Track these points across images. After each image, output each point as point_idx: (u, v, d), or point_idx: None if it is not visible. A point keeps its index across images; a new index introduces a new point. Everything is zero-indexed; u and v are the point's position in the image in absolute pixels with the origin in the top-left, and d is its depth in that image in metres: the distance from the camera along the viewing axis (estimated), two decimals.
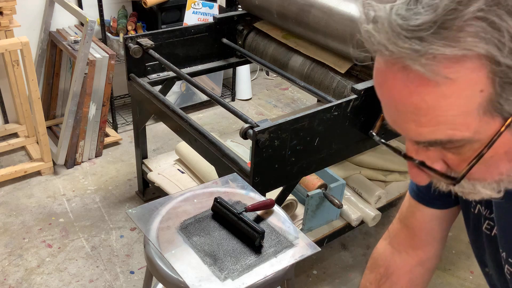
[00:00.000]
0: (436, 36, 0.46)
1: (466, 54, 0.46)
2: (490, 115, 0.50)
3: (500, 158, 0.55)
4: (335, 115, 1.60)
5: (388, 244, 0.96)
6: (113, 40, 2.76)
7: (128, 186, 2.53)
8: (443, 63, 0.47)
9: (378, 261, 0.96)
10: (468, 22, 0.45)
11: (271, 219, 1.19)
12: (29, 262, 2.03)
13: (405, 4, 0.47)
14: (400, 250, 0.93)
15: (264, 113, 3.32)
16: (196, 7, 2.93)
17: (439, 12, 0.45)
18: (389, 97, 0.54)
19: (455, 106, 0.49)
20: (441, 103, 0.49)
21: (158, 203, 1.19)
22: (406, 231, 0.92)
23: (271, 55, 2.15)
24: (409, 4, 0.47)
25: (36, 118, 2.39)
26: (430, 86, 0.49)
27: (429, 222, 0.88)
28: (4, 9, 2.36)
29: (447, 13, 0.45)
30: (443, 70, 0.47)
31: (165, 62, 1.92)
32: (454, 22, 0.45)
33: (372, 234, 2.31)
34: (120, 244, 2.16)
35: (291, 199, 1.92)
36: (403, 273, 0.92)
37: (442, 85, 0.48)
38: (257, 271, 1.03)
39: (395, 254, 0.94)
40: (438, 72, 0.48)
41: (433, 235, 0.90)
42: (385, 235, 0.98)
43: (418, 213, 0.88)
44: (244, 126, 1.46)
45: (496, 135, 0.51)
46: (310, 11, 1.85)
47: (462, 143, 0.53)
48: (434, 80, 0.48)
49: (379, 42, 0.50)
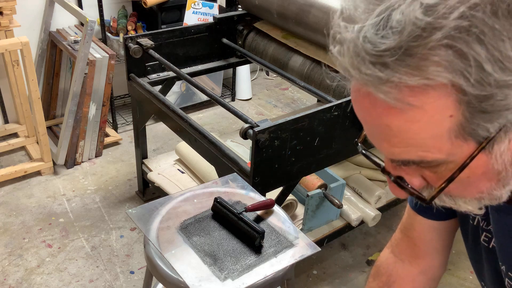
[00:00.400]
0: (400, 63, 0.44)
1: (429, 83, 0.45)
2: (463, 138, 0.49)
3: (478, 178, 0.54)
4: (335, 115, 1.60)
5: (391, 253, 0.95)
6: (113, 40, 2.76)
7: (128, 186, 2.53)
8: (406, 91, 0.45)
9: (381, 269, 0.95)
10: (433, 51, 0.43)
11: (271, 219, 1.19)
12: (29, 262, 2.03)
13: (374, 26, 0.45)
14: (403, 259, 0.93)
15: (264, 113, 3.32)
16: (196, 7, 2.93)
17: (403, 38, 0.43)
18: (361, 117, 0.54)
19: (424, 130, 0.48)
20: (410, 127, 0.48)
21: (158, 203, 1.19)
22: (407, 241, 0.92)
23: (271, 55, 2.15)
24: (378, 26, 0.45)
25: (36, 118, 2.39)
26: (395, 112, 0.48)
27: (428, 233, 0.87)
28: (4, 9, 2.36)
29: (412, 39, 0.43)
30: (406, 98, 0.46)
31: (165, 62, 1.92)
32: (418, 49, 0.43)
33: (372, 234, 2.31)
34: (120, 244, 2.16)
35: (291, 199, 1.92)
36: (406, 282, 0.91)
37: (408, 111, 0.47)
38: (257, 271, 1.03)
39: (398, 263, 0.93)
40: (401, 100, 0.46)
41: (433, 245, 0.89)
42: (388, 244, 0.98)
43: (417, 224, 0.88)
44: (244, 126, 1.46)
45: (469, 158, 0.50)
46: (310, 11, 1.85)
47: (437, 163, 0.52)
48: (399, 107, 0.47)
49: (343, 66, 0.49)
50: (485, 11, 0.42)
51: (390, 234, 2.31)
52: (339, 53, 0.49)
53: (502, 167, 0.52)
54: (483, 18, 0.42)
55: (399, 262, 0.93)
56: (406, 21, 0.43)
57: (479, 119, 0.47)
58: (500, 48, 0.43)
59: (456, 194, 0.57)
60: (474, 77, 0.44)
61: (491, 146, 0.50)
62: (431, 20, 0.43)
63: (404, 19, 0.43)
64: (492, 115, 0.46)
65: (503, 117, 0.47)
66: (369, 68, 0.45)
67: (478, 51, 0.43)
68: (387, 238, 2.28)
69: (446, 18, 0.42)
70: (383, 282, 0.93)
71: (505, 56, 0.43)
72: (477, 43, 0.43)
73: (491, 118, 0.47)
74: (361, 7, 0.47)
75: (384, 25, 0.44)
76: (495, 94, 0.45)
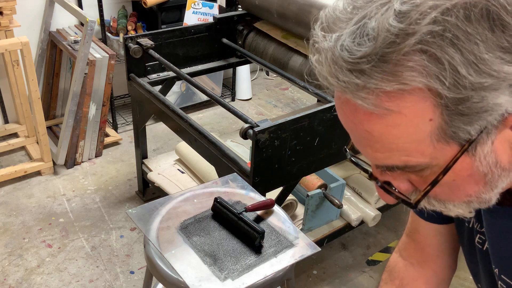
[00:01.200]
0: (376, 69, 0.45)
1: (405, 88, 0.45)
2: (444, 141, 0.49)
3: (464, 181, 0.54)
4: (335, 115, 1.59)
5: (400, 257, 0.95)
6: (113, 40, 2.76)
7: (128, 186, 2.53)
8: (382, 97, 0.46)
9: (392, 273, 0.95)
10: (406, 56, 0.44)
11: (271, 219, 1.19)
12: (29, 262, 2.03)
13: (351, 34, 0.46)
14: (413, 262, 0.92)
15: (264, 113, 3.32)
16: (196, 7, 2.93)
17: (378, 45, 0.44)
18: (344, 123, 0.55)
19: (405, 135, 0.49)
20: (390, 132, 0.49)
21: (158, 203, 1.19)
22: (414, 244, 0.92)
23: (271, 55, 2.15)
24: (354, 34, 0.46)
25: (36, 118, 2.39)
26: (375, 117, 0.48)
27: (434, 236, 0.87)
28: (4, 9, 2.36)
29: (386, 46, 0.44)
30: (383, 103, 0.47)
31: (165, 62, 1.92)
32: (392, 55, 0.44)
33: (372, 234, 2.31)
34: (120, 244, 2.16)
35: (291, 199, 1.92)
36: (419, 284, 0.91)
37: (387, 116, 0.47)
38: (257, 271, 1.03)
39: (409, 266, 0.93)
40: (379, 105, 0.47)
41: (440, 248, 0.88)
42: (396, 249, 0.98)
43: (422, 228, 0.88)
44: (244, 126, 1.46)
45: (452, 161, 0.50)
46: (310, 11, 1.85)
47: (421, 168, 0.52)
48: (378, 113, 0.48)
49: (322, 75, 0.49)
50: (458, 16, 0.43)
51: (390, 234, 2.31)
52: (317, 62, 0.50)
53: (487, 169, 0.52)
54: (455, 22, 0.43)
55: (409, 265, 0.93)
56: (380, 28, 0.44)
57: (459, 122, 0.47)
58: (474, 51, 0.44)
59: (444, 198, 0.57)
60: (449, 80, 0.44)
61: (474, 148, 0.50)
62: (403, 26, 0.43)
63: (378, 26, 0.44)
64: (471, 117, 0.47)
65: (482, 119, 0.47)
66: (346, 76, 0.46)
67: (452, 55, 0.43)
68: (387, 238, 2.28)
69: (419, 23, 0.43)
70: (396, 286, 0.92)
71: (479, 59, 0.44)
72: (451, 47, 0.43)
73: (470, 121, 0.47)
74: (339, 17, 0.48)
75: (361, 33, 0.45)
76: (471, 96, 0.45)
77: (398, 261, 0.95)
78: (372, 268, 2.14)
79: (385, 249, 2.24)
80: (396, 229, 2.33)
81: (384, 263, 2.17)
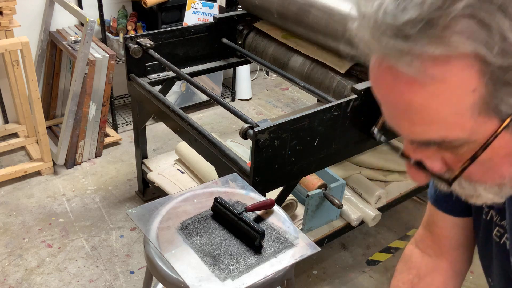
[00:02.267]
0: (421, 34, 0.44)
1: (452, 53, 0.44)
2: (486, 115, 0.48)
3: (500, 160, 0.53)
4: (335, 115, 1.60)
5: (416, 248, 0.95)
6: (113, 40, 2.76)
7: (128, 186, 2.53)
8: (429, 62, 0.45)
9: (409, 263, 0.94)
10: (455, 20, 0.43)
11: (271, 219, 1.19)
12: (29, 262, 2.03)
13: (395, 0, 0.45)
14: (430, 253, 0.92)
15: (264, 113, 3.32)
16: (196, 7, 2.93)
17: (425, 9, 0.43)
18: (382, 95, 0.53)
19: (446, 106, 0.48)
20: (431, 103, 0.48)
21: (158, 203, 1.19)
22: (431, 237, 0.91)
23: (271, 55, 2.15)
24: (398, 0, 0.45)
25: (36, 118, 2.39)
26: (418, 85, 0.47)
27: (451, 229, 0.87)
28: (4, 9, 2.36)
29: (433, 10, 0.43)
30: (429, 69, 0.46)
31: (165, 62, 1.92)
32: (440, 19, 0.43)
33: (372, 234, 2.31)
34: (120, 244, 2.16)
35: (291, 199, 1.92)
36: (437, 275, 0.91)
37: (430, 84, 0.47)
38: (257, 271, 1.03)
39: (426, 257, 0.93)
40: (424, 72, 0.46)
41: (457, 241, 0.88)
42: (411, 240, 0.97)
43: (439, 220, 0.88)
44: (244, 126, 1.46)
45: (492, 136, 0.49)
46: (310, 11, 1.85)
47: (458, 143, 0.51)
48: (421, 80, 0.47)
49: (364, 40, 0.49)
50: None
51: (390, 234, 2.31)
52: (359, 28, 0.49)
53: None
54: None
55: (426, 256, 0.93)
56: None
57: (503, 93, 0.46)
58: None
59: (477, 178, 0.56)
60: (497, 47, 0.44)
61: None
62: None
63: None
64: None
65: None
66: (390, 41, 0.46)
67: (501, 21, 0.43)
68: (387, 238, 2.28)
69: None
70: (413, 275, 0.92)
71: None
72: (500, 12, 0.43)
73: None
74: None
75: None
76: None
77: (415, 252, 0.95)
78: (372, 268, 2.14)
79: (385, 249, 2.24)
80: (396, 229, 2.33)
81: (384, 263, 2.17)
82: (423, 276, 0.91)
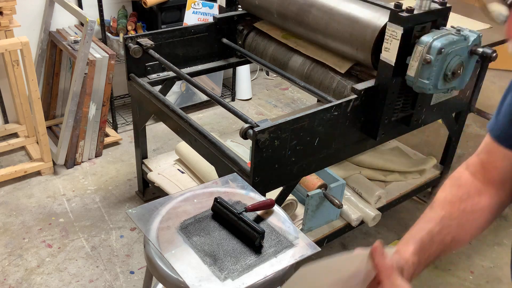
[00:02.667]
0: None
1: None
2: None
3: None
4: (335, 115, 1.60)
5: (467, 170, 0.98)
6: (113, 40, 2.76)
7: (128, 186, 2.53)
8: None
9: (459, 181, 0.97)
10: None
11: (271, 219, 1.19)
12: (29, 262, 2.03)
13: None
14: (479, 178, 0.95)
15: (264, 113, 3.32)
16: (196, 7, 2.93)
17: None
18: None
19: None
20: None
21: (158, 203, 1.20)
22: (481, 165, 0.94)
23: (271, 55, 2.15)
24: None
25: (36, 118, 2.39)
26: None
27: (501, 161, 0.90)
28: (4, 9, 2.36)
29: None
30: None
31: (165, 62, 1.92)
32: None
33: (372, 234, 2.31)
34: (120, 244, 2.16)
35: (291, 199, 1.92)
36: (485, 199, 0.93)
37: None
38: (257, 271, 1.03)
39: (475, 181, 0.96)
40: None
41: (505, 174, 0.91)
42: (463, 164, 1.00)
43: (492, 151, 0.90)
44: (244, 126, 1.46)
45: None
46: (310, 11, 1.85)
47: None
48: None
49: None
50: None
51: (390, 234, 2.31)
52: None
53: None
54: None
55: (476, 180, 0.95)
56: None
57: None
58: None
59: None
60: None
61: None
62: None
63: None
64: None
65: None
66: None
67: None
68: (387, 238, 2.28)
69: None
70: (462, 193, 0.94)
71: None
72: None
73: None
74: None
75: None
76: None
77: (465, 174, 0.97)
78: None
79: None
80: (396, 229, 2.33)
81: None
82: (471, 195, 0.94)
